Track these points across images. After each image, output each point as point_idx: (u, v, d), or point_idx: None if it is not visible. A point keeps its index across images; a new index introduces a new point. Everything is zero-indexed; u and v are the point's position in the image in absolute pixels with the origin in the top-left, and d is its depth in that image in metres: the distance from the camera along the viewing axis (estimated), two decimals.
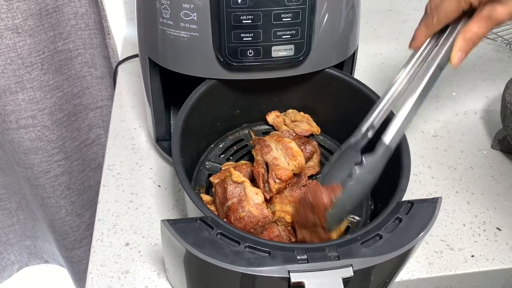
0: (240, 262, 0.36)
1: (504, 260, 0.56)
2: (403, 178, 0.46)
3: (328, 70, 0.56)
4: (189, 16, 0.48)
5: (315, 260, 0.37)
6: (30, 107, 0.82)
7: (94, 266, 0.54)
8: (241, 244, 0.38)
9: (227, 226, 0.40)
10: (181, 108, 0.51)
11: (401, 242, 0.39)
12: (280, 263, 0.37)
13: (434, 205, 0.42)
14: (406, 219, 0.41)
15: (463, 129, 0.75)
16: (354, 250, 0.38)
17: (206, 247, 0.37)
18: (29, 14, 0.74)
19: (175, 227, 0.38)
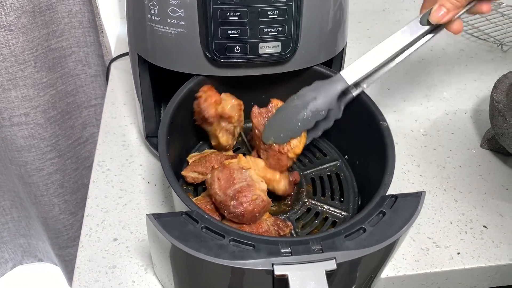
0: (224, 255, 0.37)
1: (489, 257, 0.56)
2: (387, 173, 0.47)
3: (316, 67, 0.56)
4: (177, 13, 0.49)
5: (299, 253, 0.38)
6: (23, 105, 0.82)
7: (82, 261, 0.54)
8: (225, 238, 0.38)
9: (212, 220, 0.40)
10: (168, 104, 0.51)
11: (384, 235, 0.39)
12: (264, 256, 0.37)
13: (418, 199, 0.42)
14: (390, 212, 0.42)
15: (452, 128, 0.75)
16: (337, 243, 0.39)
17: (190, 241, 0.37)
18: (22, 12, 0.74)
19: (160, 221, 0.39)
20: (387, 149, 0.49)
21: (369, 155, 0.54)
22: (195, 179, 0.54)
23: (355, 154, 0.58)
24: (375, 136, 0.51)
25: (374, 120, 0.52)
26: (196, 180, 0.54)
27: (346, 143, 0.60)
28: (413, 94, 0.82)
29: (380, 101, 0.54)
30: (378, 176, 0.48)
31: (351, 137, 0.58)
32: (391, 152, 0.48)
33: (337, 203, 0.55)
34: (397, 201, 0.43)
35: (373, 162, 0.52)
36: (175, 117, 0.51)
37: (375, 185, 0.48)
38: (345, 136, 0.59)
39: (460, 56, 0.94)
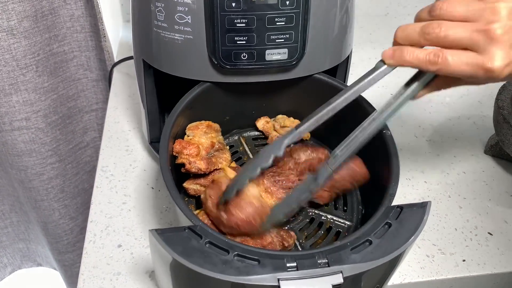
0: (229, 271, 0.36)
1: (495, 265, 0.56)
2: (392, 183, 0.46)
3: (317, 75, 0.56)
4: (184, 19, 0.48)
5: (305, 267, 0.37)
6: (24, 109, 0.82)
7: (86, 268, 0.53)
8: (230, 253, 0.38)
9: (216, 235, 0.39)
10: (169, 116, 0.51)
11: (391, 247, 0.39)
12: (270, 271, 0.36)
13: (424, 209, 0.42)
14: (395, 224, 0.41)
15: (456, 134, 0.76)
16: (343, 257, 0.38)
17: (194, 256, 0.37)
18: (24, 16, 0.74)
19: (163, 236, 0.38)
20: (391, 159, 0.48)
21: (373, 164, 0.53)
22: (197, 191, 0.53)
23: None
24: (378, 145, 0.51)
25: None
26: (198, 192, 0.53)
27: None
28: (416, 101, 0.82)
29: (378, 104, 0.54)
30: (382, 184, 0.48)
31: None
32: (395, 161, 0.48)
33: (340, 213, 0.55)
34: (402, 211, 0.42)
35: (377, 171, 0.51)
36: (176, 126, 0.51)
37: (379, 194, 0.48)
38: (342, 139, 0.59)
39: None
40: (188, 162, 0.50)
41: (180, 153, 0.50)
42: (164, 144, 0.48)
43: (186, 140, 0.53)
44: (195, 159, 0.50)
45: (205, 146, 0.53)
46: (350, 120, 0.53)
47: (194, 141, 0.52)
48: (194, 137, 0.53)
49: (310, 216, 0.54)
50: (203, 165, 0.50)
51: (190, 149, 0.50)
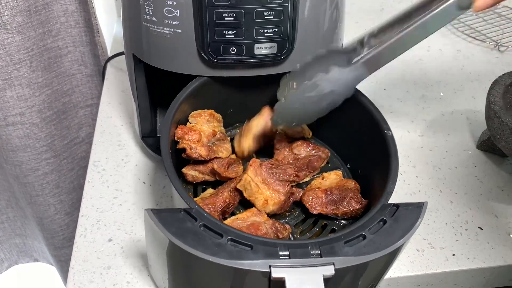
0: (221, 254, 0.36)
1: (484, 259, 0.56)
2: (390, 181, 0.46)
3: None
4: (172, 13, 0.48)
5: (297, 256, 0.37)
6: (19, 104, 0.82)
7: (77, 262, 0.54)
8: (223, 237, 0.38)
9: (210, 219, 0.40)
10: (173, 101, 0.51)
11: (384, 243, 0.39)
12: (262, 257, 0.37)
13: (420, 209, 0.42)
14: (390, 221, 0.41)
15: (449, 129, 0.76)
16: (336, 249, 0.38)
17: (188, 238, 0.37)
18: (17, 11, 0.73)
19: (159, 216, 0.38)
20: (391, 159, 0.48)
21: (372, 164, 0.53)
22: (195, 178, 0.53)
23: (357, 163, 0.58)
24: (378, 145, 0.51)
25: (379, 128, 0.51)
26: (196, 179, 0.54)
27: (349, 152, 0.60)
28: (410, 95, 0.82)
29: (376, 102, 0.54)
30: (379, 185, 0.48)
31: (354, 146, 0.57)
32: (395, 161, 0.48)
33: None
34: (398, 210, 0.42)
35: (375, 171, 0.52)
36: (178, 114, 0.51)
37: (376, 194, 0.48)
38: (348, 145, 0.59)
39: (457, 57, 0.94)
40: (189, 148, 0.50)
41: (181, 138, 0.51)
42: (166, 128, 0.48)
43: (189, 126, 0.53)
44: (196, 145, 0.51)
45: (206, 134, 0.53)
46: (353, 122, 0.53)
47: (196, 128, 0.53)
48: (197, 124, 0.54)
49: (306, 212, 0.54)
50: (204, 151, 0.51)
51: (192, 135, 0.51)
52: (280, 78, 0.54)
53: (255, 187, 0.50)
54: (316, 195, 0.52)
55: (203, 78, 0.54)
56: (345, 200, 0.52)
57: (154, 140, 0.65)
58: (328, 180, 0.56)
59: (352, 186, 0.54)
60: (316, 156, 0.57)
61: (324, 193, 0.52)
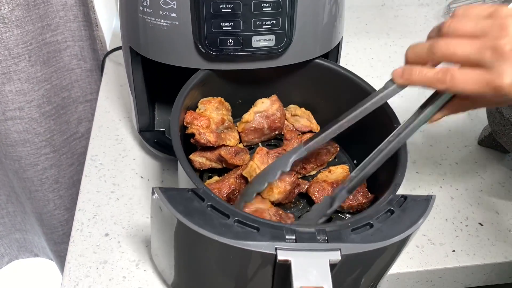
0: (228, 234, 0.36)
1: (485, 255, 0.56)
2: (398, 173, 0.46)
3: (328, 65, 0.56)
4: (169, 5, 0.48)
5: (304, 240, 0.37)
6: (18, 99, 0.81)
7: (73, 256, 0.53)
8: (230, 218, 0.38)
9: (217, 200, 0.39)
10: (183, 88, 0.51)
11: (391, 232, 0.39)
12: (268, 239, 0.36)
13: (427, 202, 0.42)
14: (398, 211, 0.41)
15: (450, 124, 0.75)
16: (343, 235, 0.38)
17: (195, 217, 0.37)
18: (16, 4, 0.73)
19: (167, 194, 0.38)
20: (399, 151, 0.48)
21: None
22: (202, 164, 0.53)
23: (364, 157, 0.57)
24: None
25: (388, 124, 0.51)
26: (202, 166, 0.53)
27: (356, 148, 0.59)
28: (410, 90, 0.81)
29: None
30: (386, 179, 0.48)
31: (362, 141, 0.56)
32: (404, 154, 0.48)
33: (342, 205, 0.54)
34: (406, 201, 0.42)
35: (383, 166, 0.51)
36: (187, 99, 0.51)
37: (382, 189, 0.48)
38: (356, 140, 0.58)
39: None
40: (198, 133, 0.50)
41: (190, 123, 0.51)
42: (176, 112, 0.48)
43: (198, 112, 0.53)
44: (205, 131, 0.51)
45: (215, 121, 0.53)
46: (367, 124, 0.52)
47: (205, 114, 0.53)
48: (206, 111, 0.54)
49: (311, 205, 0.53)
50: (213, 137, 0.51)
51: (201, 121, 0.51)
52: (278, 70, 0.54)
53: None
54: (322, 187, 0.52)
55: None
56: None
57: (151, 135, 0.64)
58: (335, 173, 0.55)
59: None
60: (325, 150, 0.57)
61: (330, 185, 0.52)
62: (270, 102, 0.57)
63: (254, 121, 0.57)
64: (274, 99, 0.58)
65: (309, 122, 0.60)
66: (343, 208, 0.52)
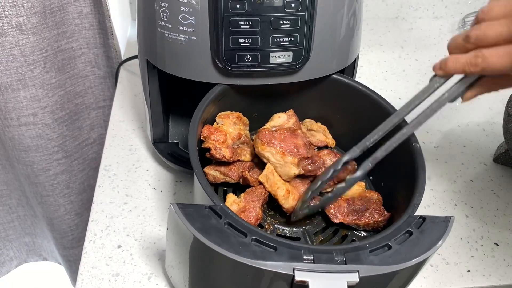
0: (245, 253, 0.36)
1: (501, 276, 0.55)
2: (417, 194, 0.46)
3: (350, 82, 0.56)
4: (187, 20, 0.48)
5: (322, 261, 0.37)
6: (32, 105, 0.82)
7: (85, 268, 0.53)
8: (248, 236, 0.38)
9: (235, 217, 0.39)
10: (201, 101, 0.51)
11: (410, 254, 0.39)
12: (286, 259, 0.36)
13: (446, 223, 0.42)
14: (417, 233, 0.41)
15: (464, 141, 0.74)
16: (362, 257, 0.38)
17: (212, 235, 0.37)
18: (33, 12, 0.74)
19: (184, 211, 0.38)
20: (417, 171, 0.47)
21: (396, 177, 0.52)
22: (215, 178, 0.53)
23: (381, 175, 0.57)
24: (405, 158, 0.50)
25: (406, 141, 0.49)
26: (216, 180, 0.53)
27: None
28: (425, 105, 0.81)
29: None
30: (403, 198, 0.47)
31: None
32: (422, 173, 0.47)
33: None
34: (424, 222, 0.42)
35: (400, 184, 0.51)
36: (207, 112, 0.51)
37: (399, 207, 0.47)
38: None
39: None
40: (214, 148, 0.50)
41: (207, 138, 0.51)
42: (194, 126, 0.49)
43: (215, 126, 0.53)
44: (221, 146, 0.51)
45: (232, 136, 0.53)
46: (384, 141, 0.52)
47: (222, 129, 0.53)
48: (223, 125, 0.54)
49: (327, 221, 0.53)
50: (228, 153, 0.51)
51: (218, 135, 0.51)
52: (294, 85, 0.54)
53: (276, 177, 0.50)
54: (338, 204, 0.52)
55: None
56: (367, 211, 0.51)
57: (165, 146, 0.64)
58: (351, 190, 0.55)
59: (375, 197, 0.53)
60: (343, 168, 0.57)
61: (346, 202, 0.52)
62: (287, 117, 0.57)
63: None
64: (290, 114, 0.57)
65: (325, 137, 0.60)
66: (359, 226, 0.51)
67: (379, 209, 0.51)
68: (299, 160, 0.50)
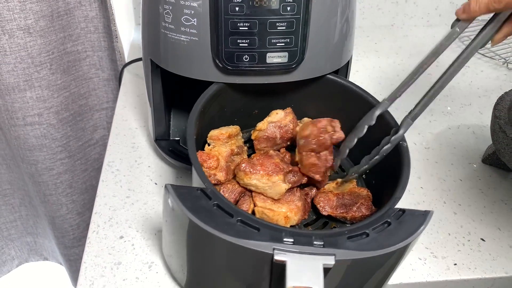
0: (230, 232, 0.38)
1: (486, 269, 0.57)
2: (399, 187, 0.48)
3: (346, 83, 0.59)
4: (190, 21, 0.51)
5: (301, 243, 0.39)
6: (37, 105, 0.85)
7: (89, 257, 0.56)
8: (234, 217, 0.40)
9: (224, 200, 0.42)
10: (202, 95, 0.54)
11: (386, 243, 0.40)
12: (267, 239, 0.38)
13: (425, 217, 0.43)
14: (395, 224, 0.43)
15: (455, 142, 0.77)
16: (339, 242, 0.40)
17: (201, 214, 0.39)
18: (41, 16, 0.77)
19: (177, 191, 0.41)
20: (403, 167, 0.50)
21: (386, 175, 0.54)
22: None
23: (372, 173, 0.60)
24: (393, 156, 0.53)
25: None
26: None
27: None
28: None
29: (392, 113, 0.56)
30: (390, 193, 0.49)
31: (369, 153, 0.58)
32: (407, 169, 0.50)
33: None
34: (404, 214, 0.44)
35: (388, 181, 0.53)
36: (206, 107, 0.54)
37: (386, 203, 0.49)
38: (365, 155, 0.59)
39: (466, 72, 0.96)
40: (208, 175, 0.53)
41: (200, 165, 0.52)
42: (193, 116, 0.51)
43: (207, 150, 0.56)
44: (215, 171, 0.54)
45: (224, 156, 0.56)
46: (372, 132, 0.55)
47: (214, 152, 0.55)
48: (214, 147, 0.56)
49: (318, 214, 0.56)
50: (222, 176, 0.54)
51: (210, 163, 0.53)
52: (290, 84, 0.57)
53: (270, 211, 0.52)
54: (327, 197, 0.55)
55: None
56: (355, 205, 0.54)
57: (167, 143, 0.67)
58: (342, 186, 0.58)
59: (365, 194, 0.56)
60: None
61: (336, 196, 0.55)
62: (284, 114, 0.59)
63: (267, 130, 0.59)
64: (288, 111, 0.60)
65: None
66: (347, 219, 0.54)
67: (367, 204, 0.54)
68: (284, 176, 0.53)
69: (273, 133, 0.59)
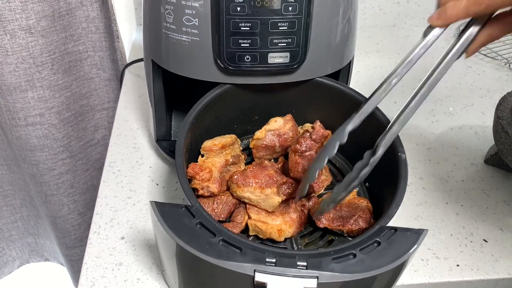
0: (211, 252, 0.38)
1: (488, 271, 0.57)
2: (393, 205, 0.46)
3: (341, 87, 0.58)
4: (191, 22, 0.51)
5: (283, 265, 0.38)
6: (39, 105, 0.85)
7: (90, 257, 0.56)
8: (216, 236, 0.40)
9: (208, 218, 0.41)
10: (194, 105, 0.53)
11: (373, 265, 0.38)
12: (249, 261, 0.38)
13: (418, 236, 0.41)
14: (385, 243, 0.41)
15: (457, 143, 0.77)
16: (323, 263, 0.38)
17: (183, 233, 0.39)
18: (42, 16, 0.77)
19: (160, 209, 0.40)
20: (399, 181, 0.48)
21: (385, 184, 0.53)
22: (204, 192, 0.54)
23: (374, 182, 0.59)
24: (393, 167, 0.51)
25: (393, 150, 0.51)
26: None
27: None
28: (419, 108, 0.83)
29: (386, 114, 0.56)
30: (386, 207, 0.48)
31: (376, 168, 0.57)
32: (403, 185, 0.48)
33: None
34: (395, 233, 0.42)
35: (388, 191, 0.51)
36: (199, 117, 0.53)
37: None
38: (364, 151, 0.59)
39: (468, 73, 0.96)
40: (200, 188, 0.52)
41: (193, 177, 0.52)
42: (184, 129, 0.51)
43: (200, 162, 0.54)
44: (208, 183, 0.52)
45: (218, 166, 0.54)
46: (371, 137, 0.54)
47: (207, 164, 0.54)
48: (208, 158, 0.55)
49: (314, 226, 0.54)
50: (215, 188, 0.53)
51: (203, 175, 0.52)
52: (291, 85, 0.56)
53: (263, 225, 0.51)
54: None
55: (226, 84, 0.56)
56: (353, 217, 0.52)
57: (168, 144, 0.67)
58: None
59: (364, 205, 0.54)
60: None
61: (333, 207, 0.53)
62: (284, 122, 0.58)
63: (266, 139, 0.58)
64: (288, 118, 0.59)
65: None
66: (343, 232, 0.52)
67: (365, 216, 0.52)
68: (277, 188, 0.52)
69: (272, 141, 0.58)
